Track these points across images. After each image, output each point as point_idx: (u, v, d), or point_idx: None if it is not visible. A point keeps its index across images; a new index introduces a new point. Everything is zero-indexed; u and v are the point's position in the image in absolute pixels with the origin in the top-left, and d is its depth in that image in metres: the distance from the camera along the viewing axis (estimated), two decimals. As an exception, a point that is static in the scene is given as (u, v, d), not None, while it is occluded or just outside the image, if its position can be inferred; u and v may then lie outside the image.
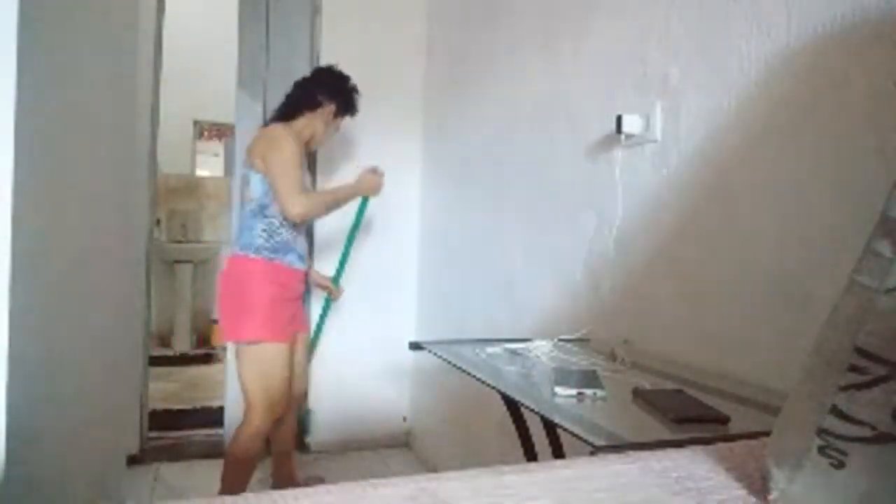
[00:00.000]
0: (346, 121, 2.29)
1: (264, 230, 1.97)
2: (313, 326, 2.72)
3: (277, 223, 1.99)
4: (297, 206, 1.90)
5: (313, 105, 2.10)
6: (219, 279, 2.07)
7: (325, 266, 2.68)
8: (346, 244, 2.65)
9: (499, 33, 2.20)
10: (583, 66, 1.68)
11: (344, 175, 2.71)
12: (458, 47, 2.60)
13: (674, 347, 1.29)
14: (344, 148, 2.81)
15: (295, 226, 2.02)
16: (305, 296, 2.27)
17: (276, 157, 1.93)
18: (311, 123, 2.10)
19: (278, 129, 2.01)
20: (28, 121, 0.95)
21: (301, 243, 2.09)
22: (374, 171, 2.24)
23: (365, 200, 2.47)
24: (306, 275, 2.17)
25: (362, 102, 2.35)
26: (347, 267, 2.70)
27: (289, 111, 2.11)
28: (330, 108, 2.13)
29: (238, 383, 2.03)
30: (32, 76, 0.97)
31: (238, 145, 2.74)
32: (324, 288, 2.52)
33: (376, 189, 2.24)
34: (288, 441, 2.28)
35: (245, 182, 2.03)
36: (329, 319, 2.79)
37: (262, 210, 1.98)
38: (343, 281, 2.79)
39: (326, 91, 2.12)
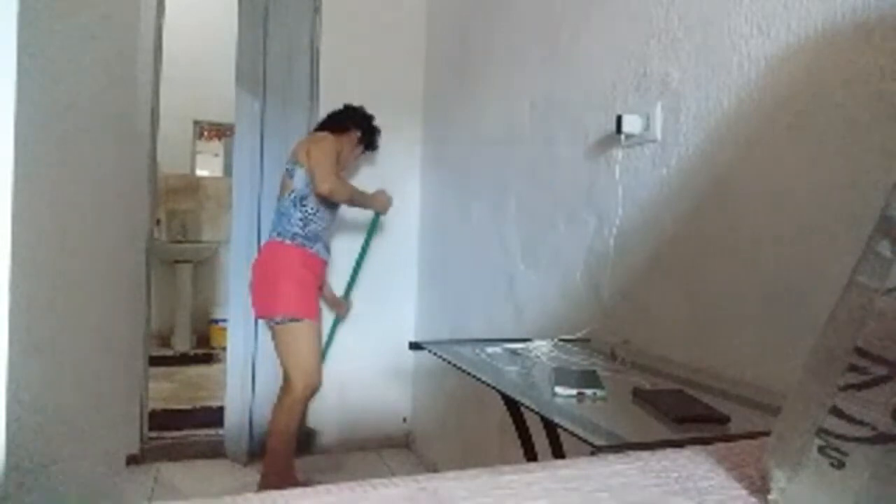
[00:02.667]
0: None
1: (301, 219, 2.26)
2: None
3: (312, 214, 2.28)
4: (327, 183, 2.21)
5: (343, 129, 2.46)
6: (253, 262, 2.37)
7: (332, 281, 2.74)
8: (359, 259, 2.78)
9: (499, 33, 2.20)
10: (583, 66, 1.68)
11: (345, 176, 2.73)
12: (458, 47, 2.60)
13: (674, 347, 1.29)
14: (344, 148, 2.81)
15: (325, 218, 2.32)
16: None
17: (318, 148, 2.28)
18: (340, 141, 2.41)
19: (325, 134, 2.39)
20: (28, 121, 0.95)
21: (327, 237, 2.39)
22: (385, 193, 2.59)
23: (376, 218, 2.70)
24: (327, 265, 2.44)
25: (362, 102, 2.56)
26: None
27: (328, 128, 2.45)
28: (356, 133, 2.49)
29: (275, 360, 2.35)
30: (32, 76, 0.97)
31: (238, 145, 2.74)
32: (335, 305, 2.72)
33: (386, 207, 2.59)
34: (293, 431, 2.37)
35: (289, 175, 2.32)
36: (330, 319, 2.79)
37: (300, 200, 2.27)
38: (339, 283, 2.81)
39: (354, 120, 2.50)
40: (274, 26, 2.73)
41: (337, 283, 2.76)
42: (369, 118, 2.56)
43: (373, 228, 2.74)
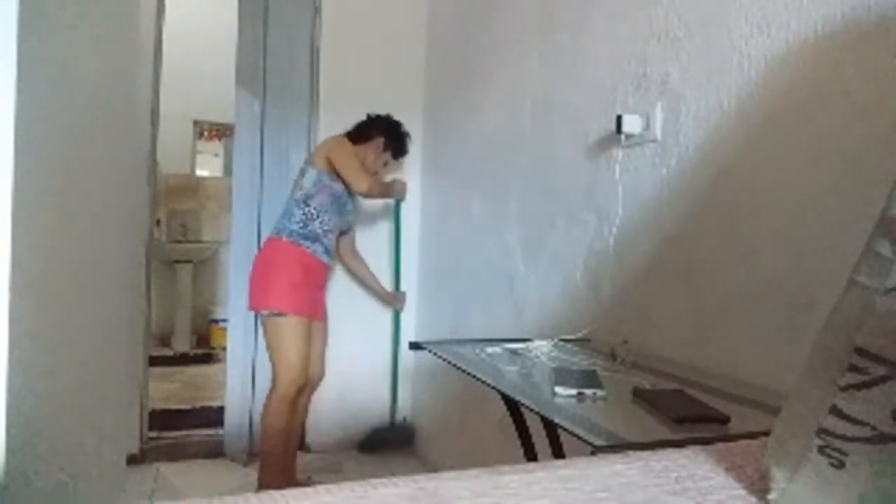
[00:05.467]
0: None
1: (301, 218, 2.28)
2: (389, 343, 2.92)
3: (314, 215, 2.29)
4: (363, 183, 2.29)
5: (367, 137, 2.47)
6: (254, 255, 2.42)
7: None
8: (396, 249, 2.84)
9: (499, 33, 2.20)
10: (583, 66, 1.68)
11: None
12: (458, 47, 2.60)
13: (674, 347, 1.29)
14: (344, 148, 2.81)
15: (328, 222, 2.33)
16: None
17: (339, 152, 2.33)
18: (363, 150, 2.44)
19: (344, 139, 2.42)
20: (28, 121, 0.95)
21: (330, 240, 2.37)
22: (400, 181, 2.60)
23: (398, 206, 2.77)
24: (329, 268, 2.45)
25: (362, 102, 2.57)
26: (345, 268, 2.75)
27: (352, 137, 2.47)
28: (379, 140, 2.48)
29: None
30: (32, 76, 0.97)
31: (238, 145, 2.74)
32: (390, 301, 2.83)
33: (405, 193, 2.60)
34: (295, 433, 2.39)
35: (301, 174, 2.37)
36: (329, 319, 2.78)
37: (305, 200, 2.29)
38: (343, 282, 2.81)
39: (378, 128, 2.50)
40: (274, 26, 2.73)
41: (381, 278, 2.82)
42: (394, 124, 2.53)
43: (398, 215, 2.81)
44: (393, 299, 2.84)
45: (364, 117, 2.54)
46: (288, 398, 2.24)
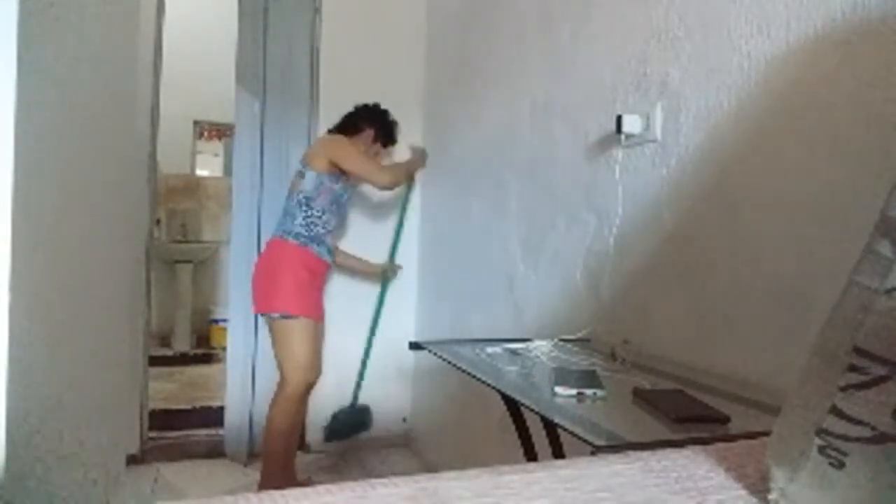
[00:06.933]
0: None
1: (304, 220, 2.28)
2: (371, 313, 2.89)
3: (317, 216, 2.30)
4: (385, 177, 2.32)
5: (356, 129, 2.46)
6: (257, 258, 2.42)
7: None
8: (399, 223, 2.84)
9: (499, 33, 2.20)
10: (583, 66, 1.68)
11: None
12: (457, 47, 2.60)
13: (674, 347, 1.29)
14: (344, 148, 2.80)
15: (330, 222, 2.35)
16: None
17: (346, 153, 2.31)
18: (354, 142, 2.42)
19: (340, 137, 2.41)
20: (28, 121, 0.95)
21: (331, 240, 2.41)
22: (416, 151, 2.75)
23: (410, 182, 2.81)
24: (330, 268, 2.48)
25: (362, 103, 2.57)
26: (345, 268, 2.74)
27: (342, 131, 2.47)
28: (369, 132, 2.47)
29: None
30: (32, 76, 0.97)
31: (238, 145, 2.74)
32: (385, 270, 2.79)
33: (424, 162, 2.75)
34: (297, 432, 2.39)
35: (300, 176, 2.33)
36: (330, 318, 2.77)
37: (307, 202, 2.29)
38: (343, 281, 2.81)
39: (367, 119, 2.49)
40: (274, 26, 2.73)
41: (379, 249, 2.84)
42: (381, 113, 2.52)
43: (409, 188, 2.82)
44: (384, 269, 2.80)
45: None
46: (297, 397, 2.27)
